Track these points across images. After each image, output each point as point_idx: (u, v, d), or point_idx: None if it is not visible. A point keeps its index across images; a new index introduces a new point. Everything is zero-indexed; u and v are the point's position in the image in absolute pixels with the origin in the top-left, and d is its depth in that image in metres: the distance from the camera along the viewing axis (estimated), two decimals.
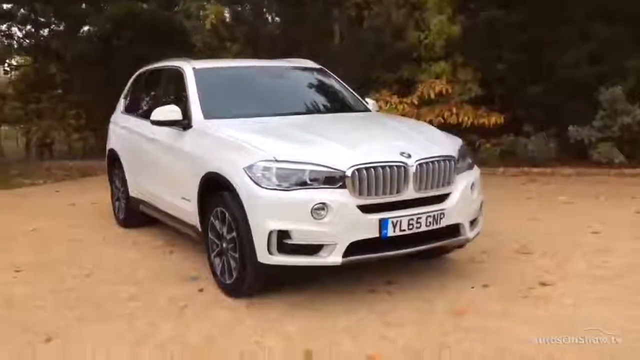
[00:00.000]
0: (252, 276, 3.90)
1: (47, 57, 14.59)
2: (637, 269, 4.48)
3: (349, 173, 3.68)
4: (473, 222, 4.29)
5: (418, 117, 11.08)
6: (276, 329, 3.55)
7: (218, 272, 4.22)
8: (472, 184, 4.23)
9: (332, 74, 5.80)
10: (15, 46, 15.28)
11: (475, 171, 4.46)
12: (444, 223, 3.95)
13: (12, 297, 4.30)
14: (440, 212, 3.92)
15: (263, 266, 3.76)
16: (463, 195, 4.10)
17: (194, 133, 4.63)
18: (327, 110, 5.23)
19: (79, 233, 6.33)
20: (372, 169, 3.72)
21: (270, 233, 3.67)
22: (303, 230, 3.64)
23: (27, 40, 15.27)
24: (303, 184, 3.69)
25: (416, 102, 11.21)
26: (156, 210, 5.48)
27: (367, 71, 12.54)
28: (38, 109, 15.43)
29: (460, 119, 10.68)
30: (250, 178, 3.76)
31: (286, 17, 13.26)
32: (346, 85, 5.70)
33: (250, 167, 3.78)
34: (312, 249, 3.68)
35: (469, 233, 4.18)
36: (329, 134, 4.24)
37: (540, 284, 4.21)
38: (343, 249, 3.67)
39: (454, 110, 10.73)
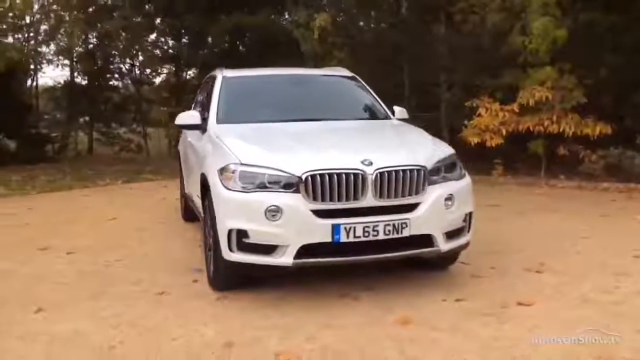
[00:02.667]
0: (222, 272, 4.20)
1: (180, 65, 16.13)
2: None
3: (303, 178, 3.83)
4: (452, 234, 4.20)
5: (517, 125, 10.66)
6: (221, 320, 3.79)
7: (207, 266, 4.58)
8: (450, 195, 4.14)
9: (362, 82, 5.89)
10: (160, 56, 17.10)
11: (461, 182, 4.35)
12: (406, 233, 3.94)
13: (45, 274, 5.02)
14: (402, 221, 3.92)
15: (227, 262, 4.05)
16: (434, 206, 4.04)
17: (206, 136, 5.05)
18: (341, 117, 5.32)
19: (148, 224, 7.09)
20: (327, 175, 3.83)
21: (230, 231, 3.94)
22: (258, 230, 3.87)
23: (169, 51, 17.03)
24: (263, 187, 3.92)
25: (517, 110, 10.75)
26: (194, 205, 6.01)
27: (469, 77, 12.25)
28: (176, 112, 17.11)
29: (561, 128, 10.07)
30: (220, 179, 4.07)
31: (387, 23, 13.34)
32: (373, 93, 5.75)
33: (221, 170, 4.10)
34: (267, 249, 3.89)
35: (443, 245, 4.11)
36: (313, 141, 4.42)
37: (518, 304, 4.01)
38: (294, 251, 3.83)
39: (554, 118, 10.13)
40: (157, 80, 18.61)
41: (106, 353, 3.35)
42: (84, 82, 19.56)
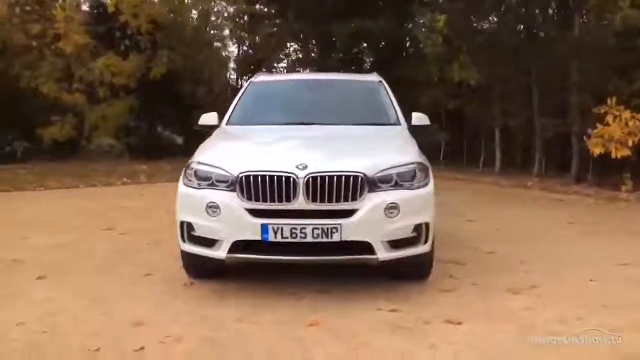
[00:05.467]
0: (183, 260, 4.60)
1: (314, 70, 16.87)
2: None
3: (238, 178, 4.08)
4: (398, 244, 4.13)
5: None
6: (162, 304, 4.19)
7: None
8: (393, 204, 4.07)
9: (386, 87, 5.84)
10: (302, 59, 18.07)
11: (415, 192, 4.23)
12: (336, 238, 3.98)
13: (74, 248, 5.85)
14: (332, 226, 3.97)
15: (182, 252, 4.44)
16: (372, 214, 4.02)
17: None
18: (344, 122, 5.30)
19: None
20: (259, 177, 4.03)
21: (182, 223, 4.33)
22: (201, 224, 4.20)
23: (310, 54, 17.89)
24: (212, 185, 4.24)
25: None
26: None
27: (602, 81, 11.17)
28: None
29: None
30: (183, 176, 4.47)
31: (510, 25, 12.62)
32: (391, 99, 5.67)
33: (185, 167, 4.50)
34: (209, 242, 4.20)
35: (382, 254, 4.07)
36: (284, 144, 4.65)
37: (446, 321, 3.83)
38: (228, 246, 4.10)
39: None
40: None
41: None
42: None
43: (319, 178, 3.99)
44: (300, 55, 18.07)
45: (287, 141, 4.74)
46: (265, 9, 17.86)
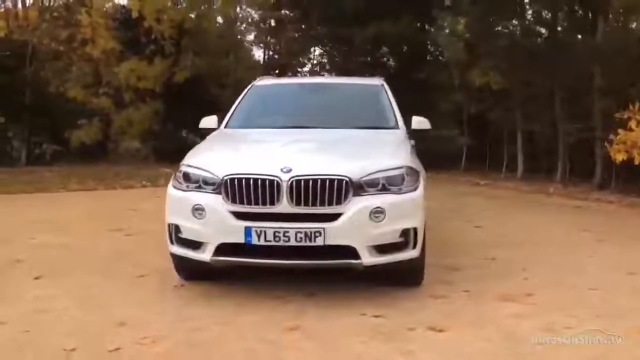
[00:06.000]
0: (174, 263, 4.62)
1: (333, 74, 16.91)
2: None
3: (223, 181, 4.08)
4: (384, 249, 4.08)
5: None
6: (150, 307, 4.18)
7: None
8: (379, 209, 4.02)
9: (387, 91, 5.78)
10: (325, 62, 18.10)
11: (402, 196, 4.16)
12: (320, 242, 3.95)
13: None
14: (315, 230, 3.94)
15: (171, 254, 4.46)
16: (356, 218, 3.98)
17: None
18: (339, 125, 5.23)
19: None
20: (244, 180, 4.03)
21: (170, 225, 4.35)
22: (187, 227, 4.22)
23: (335, 58, 17.91)
24: (200, 188, 4.25)
25: None
26: None
27: (625, 86, 10.88)
28: None
29: None
30: (174, 178, 4.49)
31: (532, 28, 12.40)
32: (391, 103, 5.61)
33: (177, 170, 4.52)
34: (195, 245, 4.20)
35: (367, 258, 4.02)
36: (270, 147, 4.64)
37: (429, 328, 3.76)
38: (213, 249, 4.10)
39: None
40: None
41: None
42: None
43: (302, 181, 3.96)
44: (323, 60, 18.13)
45: (278, 144, 4.73)
46: (290, 14, 17.95)
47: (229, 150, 4.72)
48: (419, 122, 5.51)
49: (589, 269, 5.34)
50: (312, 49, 18.32)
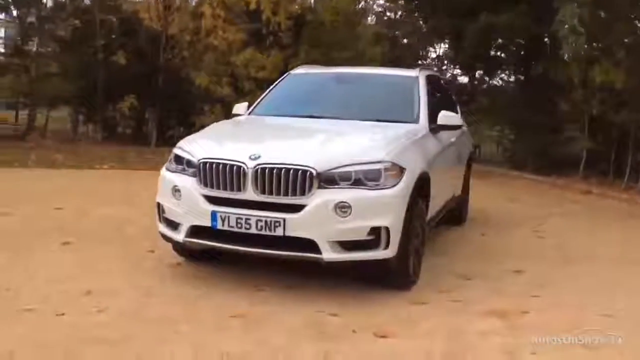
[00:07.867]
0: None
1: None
2: None
3: (198, 164, 4.15)
4: (350, 246, 3.91)
5: None
6: (128, 280, 4.38)
7: None
8: (344, 203, 3.84)
9: (420, 84, 5.43)
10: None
11: (376, 192, 3.94)
12: (279, 232, 3.88)
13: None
14: (275, 220, 3.87)
15: (159, 232, 4.61)
16: (318, 211, 3.84)
17: None
18: (358, 117, 5.06)
19: None
20: (214, 164, 4.06)
21: (157, 204, 4.50)
22: (168, 207, 4.35)
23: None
24: (183, 170, 4.36)
25: None
26: None
27: None
28: None
29: None
30: (169, 159, 4.64)
31: None
32: (421, 97, 5.28)
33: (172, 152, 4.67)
34: (174, 225, 4.32)
35: (328, 254, 3.88)
36: (273, 135, 4.74)
37: (374, 333, 3.54)
38: (185, 230, 4.19)
39: None
40: None
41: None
42: None
43: (267, 170, 3.91)
44: (439, 53, 17.53)
45: (273, 133, 4.73)
46: (406, 4, 17.50)
47: (220, 136, 4.77)
48: (447, 118, 5.19)
49: (622, 292, 4.66)
50: (434, 43, 17.73)
